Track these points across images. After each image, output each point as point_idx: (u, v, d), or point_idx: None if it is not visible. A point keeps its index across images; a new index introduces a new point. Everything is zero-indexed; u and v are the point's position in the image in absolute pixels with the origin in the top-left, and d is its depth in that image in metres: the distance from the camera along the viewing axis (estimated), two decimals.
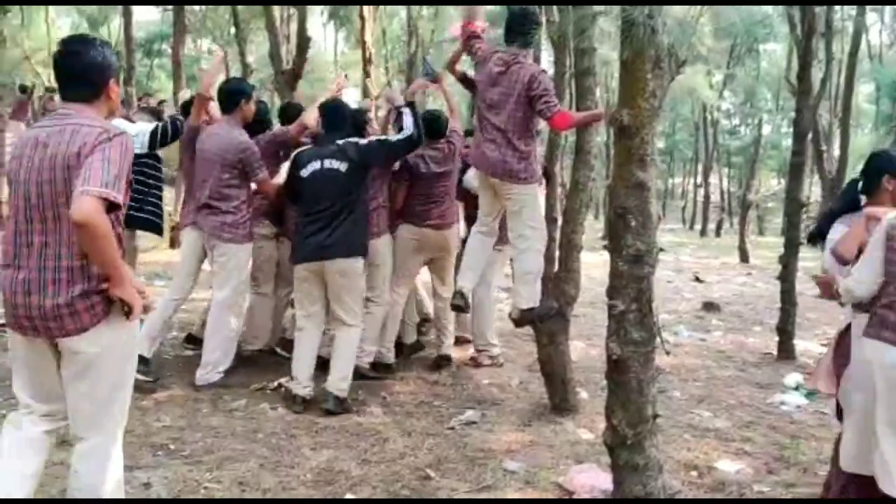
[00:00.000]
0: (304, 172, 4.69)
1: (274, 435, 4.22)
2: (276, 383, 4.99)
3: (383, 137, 4.97)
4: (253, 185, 5.05)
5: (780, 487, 3.72)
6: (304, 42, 7.08)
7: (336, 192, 4.64)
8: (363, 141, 4.79)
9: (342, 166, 4.64)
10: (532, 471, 3.87)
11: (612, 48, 4.16)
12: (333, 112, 4.92)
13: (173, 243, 8.75)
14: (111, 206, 2.41)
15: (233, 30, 18.13)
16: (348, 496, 3.43)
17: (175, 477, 3.58)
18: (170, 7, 14.17)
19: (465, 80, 5.17)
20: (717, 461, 4.11)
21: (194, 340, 5.58)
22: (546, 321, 4.69)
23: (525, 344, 6.25)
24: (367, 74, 14.60)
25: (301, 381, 4.75)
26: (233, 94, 5.03)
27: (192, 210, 5.10)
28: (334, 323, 4.90)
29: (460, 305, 4.87)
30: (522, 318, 4.73)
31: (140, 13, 23.01)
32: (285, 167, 5.07)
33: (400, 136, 4.81)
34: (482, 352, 5.90)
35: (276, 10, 9.21)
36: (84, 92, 2.65)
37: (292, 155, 4.94)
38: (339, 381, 4.72)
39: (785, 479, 3.87)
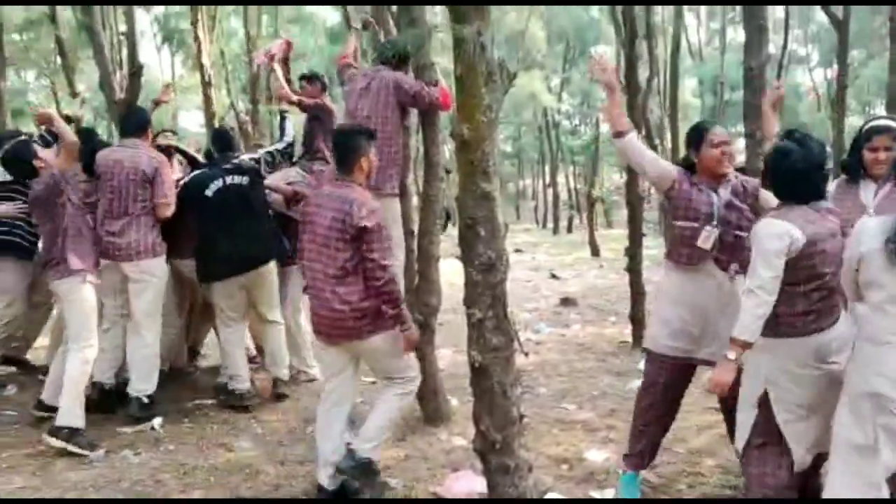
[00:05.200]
0: (209, 192, 4.97)
1: (139, 482, 4.02)
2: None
3: (270, 149, 5.33)
4: None
5: (643, 470, 3.90)
6: (135, 69, 6.82)
7: (243, 204, 5.01)
8: (255, 155, 5.25)
9: (244, 180, 5.05)
10: (409, 484, 3.90)
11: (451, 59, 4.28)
12: (222, 136, 5.41)
13: None
14: None
15: (59, 59, 17.14)
16: None
17: None
18: None
19: (299, 104, 5.38)
20: (586, 452, 4.29)
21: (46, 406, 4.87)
22: None
23: None
24: (207, 98, 14.16)
25: (244, 376, 5.22)
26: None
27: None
28: (259, 321, 5.38)
29: None
30: None
31: None
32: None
33: (282, 144, 5.34)
34: (301, 372, 5.84)
35: (104, 37, 8.79)
36: (139, 132, 5.03)
37: (185, 179, 5.19)
38: (282, 369, 5.43)
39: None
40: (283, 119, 5.47)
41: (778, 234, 2.86)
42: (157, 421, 4.84)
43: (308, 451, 4.45)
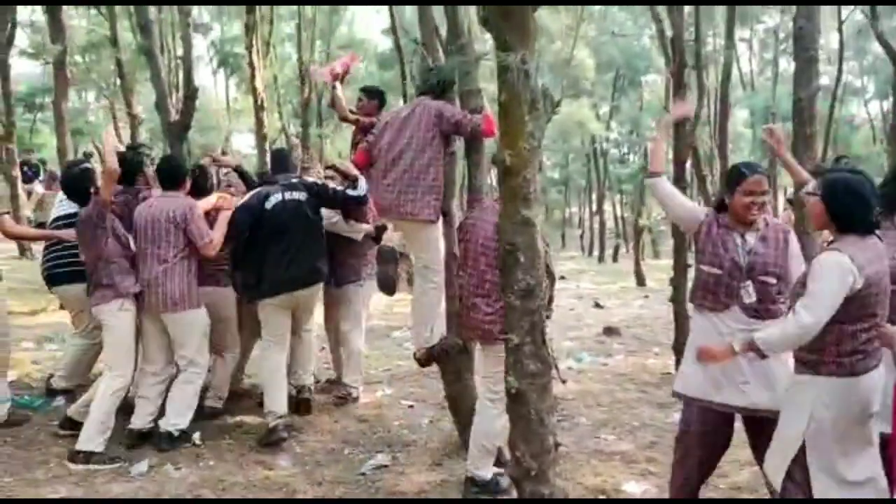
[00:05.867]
0: (268, 205, 5.00)
1: (178, 496, 4.08)
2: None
3: (338, 187, 5.21)
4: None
5: None
6: (191, 92, 7.01)
7: (300, 220, 5.02)
8: (318, 181, 5.34)
9: (301, 196, 5.07)
10: None
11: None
12: (281, 157, 5.53)
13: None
14: None
15: (118, 81, 17.70)
16: None
17: None
18: (50, 60, 13.73)
19: (357, 122, 5.43)
20: (624, 484, 4.23)
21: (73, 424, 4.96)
22: (451, 358, 4.71)
23: (434, 382, 6.25)
24: (259, 121, 14.47)
25: (279, 402, 5.02)
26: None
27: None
28: (292, 337, 5.32)
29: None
30: (427, 357, 4.75)
31: (20, 67, 22.21)
32: None
33: (353, 192, 5.05)
34: (351, 388, 5.85)
35: (162, 60, 9.09)
36: (179, 186, 4.96)
37: (247, 196, 5.18)
38: (306, 372, 5.49)
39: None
40: (356, 180, 5.11)
41: (842, 272, 2.80)
42: (196, 435, 4.90)
43: (345, 472, 4.48)
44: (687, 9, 9.01)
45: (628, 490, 4.13)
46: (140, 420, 4.85)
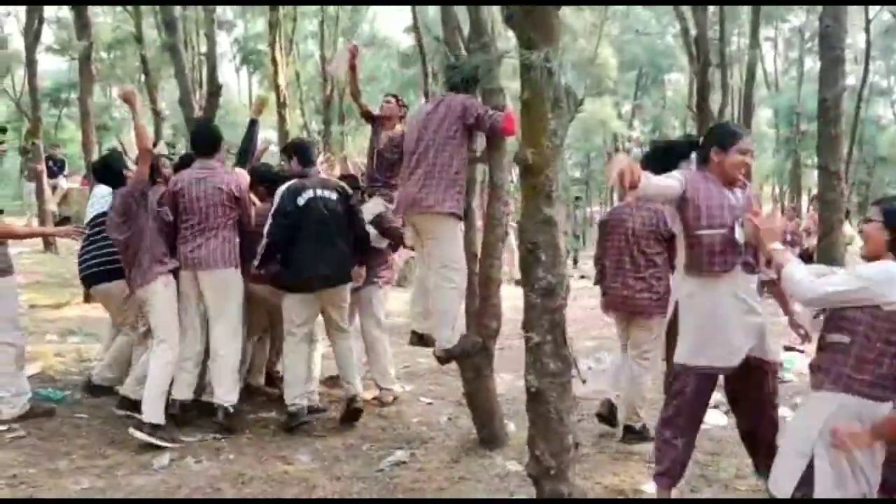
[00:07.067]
0: (301, 201, 5.00)
1: (198, 490, 4.11)
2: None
3: (367, 228, 5.39)
4: None
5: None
6: (214, 89, 7.07)
7: (331, 218, 5.04)
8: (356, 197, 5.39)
9: (332, 195, 5.09)
10: None
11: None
12: (305, 150, 5.39)
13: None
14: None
15: (143, 77, 17.86)
16: None
17: None
18: (76, 56, 13.87)
19: (367, 115, 5.44)
20: (643, 484, 4.20)
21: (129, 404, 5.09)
22: (471, 356, 4.71)
23: (453, 380, 6.25)
24: (281, 118, 14.54)
25: (297, 393, 5.09)
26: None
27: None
28: (332, 332, 5.32)
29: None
30: (447, 355, 4.75)
31: (46, 62, 22.43)
32: None
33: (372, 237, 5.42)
34: (386, 391, 5.83)
35: (186, 57, 9.17)
36: (215, 151, 5.05)
37: (279, 191, 5.12)
38: (354, 380, 5.28)
39: (707, 497, 3.99)
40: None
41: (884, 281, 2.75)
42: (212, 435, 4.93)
43: (364, 467, 4.49)
44: (711, 7, 8.97)
45: (647, 490, 4.10)
46: (181, 393, 4.97)
